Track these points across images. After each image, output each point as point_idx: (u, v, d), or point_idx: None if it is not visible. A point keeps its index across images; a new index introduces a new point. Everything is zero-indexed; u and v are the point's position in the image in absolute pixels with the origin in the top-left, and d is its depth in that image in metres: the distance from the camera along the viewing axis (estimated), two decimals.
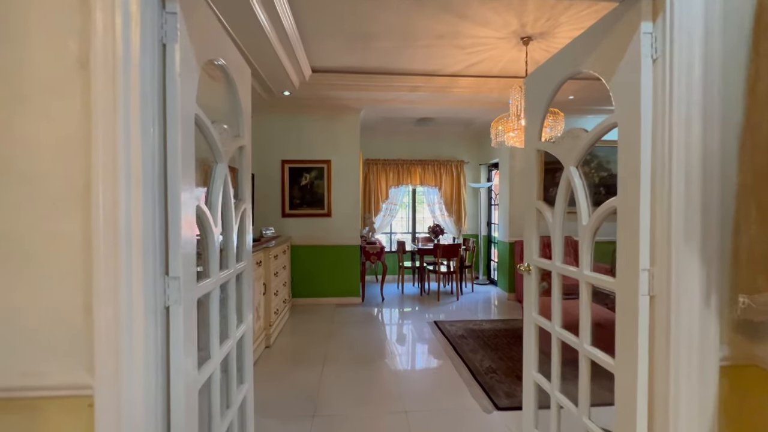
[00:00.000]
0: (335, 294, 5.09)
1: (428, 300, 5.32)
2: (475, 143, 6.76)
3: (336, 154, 5.04)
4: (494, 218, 6.55)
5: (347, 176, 5.06)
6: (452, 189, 6.60)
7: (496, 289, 5.98)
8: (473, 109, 5.08)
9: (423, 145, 6.69)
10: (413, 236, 6.90)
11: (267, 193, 5.01)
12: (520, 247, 5.00)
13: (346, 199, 5.06)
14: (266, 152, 5.00)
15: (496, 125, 3.57)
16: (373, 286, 6.12)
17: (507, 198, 5.35)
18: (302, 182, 5.02)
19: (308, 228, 5.05)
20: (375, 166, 6.49)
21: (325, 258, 5.06)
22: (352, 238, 5.08)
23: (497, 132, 3.56)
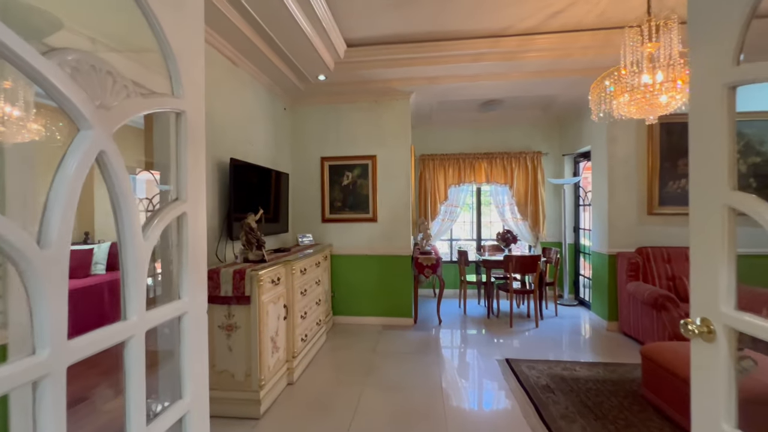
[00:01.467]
0: (382, 313, 4.31)
1: (497, 324, 4.25)
2: (556, 129, 5.49)
3: (382, 149, 4.27)
4: (584, 222, 5.21)
5: (396, 174, 4.26)
6: (527, 186, 5.41)
7: (587, 314, 4.67)
8: (555, 82, 3.93)
9: (489, 134, 5.62)
10: (478, 244, 5.84)
11: (305, 195, 4.43)
12: (626, 262, 3.71)
13: (394, 201, 4.26)
14: (304, 149, 4.43)
15: (598, 87, 2.48)
16: (429, 302, 5.22)
17: (604, 196, 4.07)
18: (343, 182, 4.35)
19: (350, 235, 4.35)
20: (431, 163, 5.59)
21: (369, 270, 4.32)
22: (402, 248, 4.25)
23: (601, 97, 2.47)
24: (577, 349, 3.54)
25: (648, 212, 3.96)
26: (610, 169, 4.02)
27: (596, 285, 4.31)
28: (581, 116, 4.67)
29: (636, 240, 3.97)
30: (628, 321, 3.70)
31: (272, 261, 2.72)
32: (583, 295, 5.17)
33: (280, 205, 3.90)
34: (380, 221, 4.29)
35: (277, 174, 3.75)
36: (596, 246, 4.30)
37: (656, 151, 3.92)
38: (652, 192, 3.93)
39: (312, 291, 3.34)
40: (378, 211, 4.29)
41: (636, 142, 3.98)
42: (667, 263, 3.71)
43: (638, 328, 3.52)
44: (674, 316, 3.13)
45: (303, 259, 3.10)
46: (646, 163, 3.96)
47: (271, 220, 3.70)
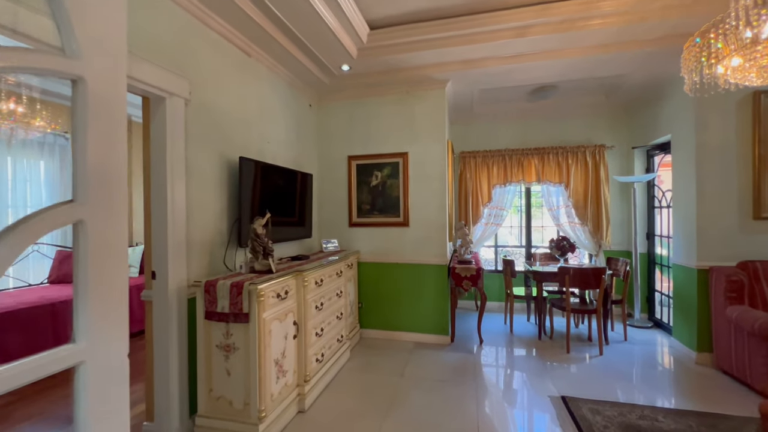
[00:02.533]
0: (414, 329, 3.85)
1: (551, 348, 3.60)
2: (622, 118, 4.67)
3: (415, 145, 3.83)
4: (660, 228, 4.34)
5: (430, 173, 3.79)
6: (587, 185, 4.65)
7: (667, 339, 3.82)
8: (624, 58, 3.23)
9: (541, 127, 4.93)
10: (528, 252, 5.15)
11: (331, 197, 4.12)
12: (723, 280, 2.91)
13: (428, 204, 3.80)
14: (330, 148, 4.12)
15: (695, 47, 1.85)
16: (469, 316, 4.65)
17: (692, 197, 3.27)
18: (372, 182, 3.97)
19: (379, 240, 3.95)
20: (473, 161, 5.03)
21: (400, 280, 3.88)
22: (437, 255, 3.77)
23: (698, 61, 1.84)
24: (656, 387, 2.81)
25: (754, 216, 3.09)
26: (698, 163, 3.21)
27: (680, 306, 3.48)
28: (659, 99, 3.86)
29: (736, 252, 3.12)
30: (728, 355, 2.88)
31: (282, 271, 2.40)
32: (660, 315, 4.29)
33: (305, 209, 3.62)
34: (412, 226, 3.85)
35: (299, 175, 3.47)
36: (679, 257, 3.48)
37: (766, 138, 3.05)
38: (760, 191, 3.06)
39: (331, 304, 2.99)
40: (410, 214, 3.85)
41: (736, 127, 3.14)
42: None
43: (744, 367, 2.71)
44: None
45: (319, 268, 2.76)
46: (751, 154, 3.11)
47: (294, 224, 3.42)
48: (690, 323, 3.31)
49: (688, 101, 3.30)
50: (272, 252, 2.40)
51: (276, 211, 3.06)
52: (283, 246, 3.35)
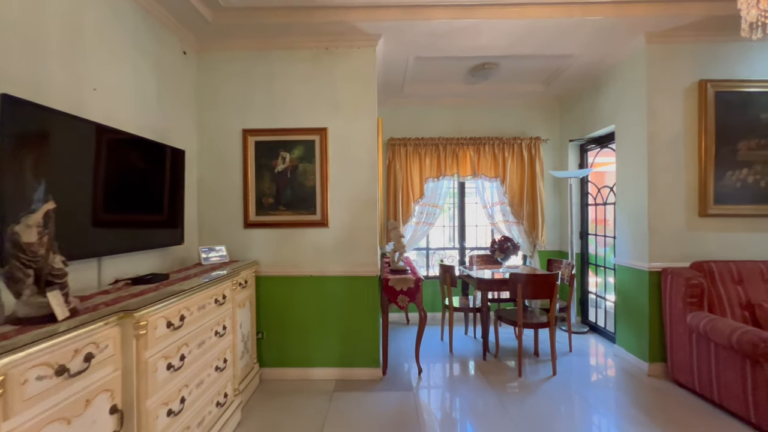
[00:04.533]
0: (335, 362, 2.90)
1: (500, 372, 3.01)
2: (556, 109, 4.41)
3: (337, 119, 2.89)
4: (595, 226, 4.14)
5: (358, 157, 2.89)
6: (522, 181, 4.27)
7: (610, 347, 3.57)
8: (580, 30, 2.79)
9: (476, 114, 4.42)
10: (462, 255, 4.61)
11: (218, 186, 2.93)
12: (683, 284, 2.60)
13: (355, 197, 2.89)
14: (216, 116, 2.93)
15: None
16: (400, 332, 3.88)
17: (643, 193, 2.97)
18: (277, 167, 2.90)
19: (288, 246, 2.91)
20: (403, 149, 4.29)
21: (316, 298, 2.90)
22: (366, 265, 2.89)
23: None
24: (624, 415, 2.35)
25: (700, 214, 2.91)
26: (651, 155, 2.93)
27: (627, 311, 3.20)
28: (599, 88, 3.58)
29: (684, 252, 2.90)
30: (687, 368, 2.59)
31: (88, 313, 1.24)
32: (595, 319, 4.10)
33: (172, 201, 2.40)
34: (333, 226, 2.90)
35: (162, 150, 2.25)
36: (625, 258, 3.20)
37: (711, 130, 2.88)
38: (707, 186, 2.88)
39: (204, 352, 1.87)
40: (330, 210, 2.89)
41: (684, 117, 2.92)
42: (738, 285, 2.65)
43: (710, 383, 2.40)
44: None
45: (178, 298, 1.63)
46: (697, 147, 2.91)
47: (152, 224, 2.20)
48: (639, 331, 3.02)
49: (637, 87, 3.01)
50: (62, 278, 1.22)
51: (118, 204, 1.84)
52: (134, 259, 2.11)
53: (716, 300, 2.61)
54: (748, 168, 2.90)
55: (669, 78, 2.91)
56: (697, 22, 2.71)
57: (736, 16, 2.60)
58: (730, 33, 2.85)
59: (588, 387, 2.76)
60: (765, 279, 2.66)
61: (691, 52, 2.90)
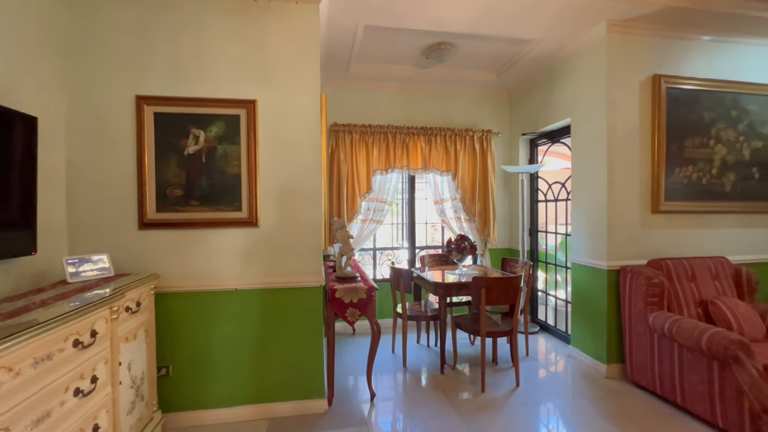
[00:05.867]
0: (268, 397, 2.31)
1: (462, 387, 2.68)
2: (506, 102, 4.26)
3: (269, 90, 2.28)
4: (545, 224, 4.07)
5: (297, 139, 2.32)
6: (474, 176, 4.04)
7: (564, 348, 3.48)
8: (546, 10, 2.56)
9: (427, 102, 4.07)
10: (411, 254, 4.25)
11: (99, 173, 2.15)
12: (643, 283, 2.51)
13: (294, 188, 2.32)
14: (97, 75, 2.14)
15: None
16: (345, 344, 3.39)
17: (602, 187, 2.86)
18: (188, 148, 2.21)
19: (203, 252, 2.24)
20: (348, 137, 3.78)
21: (242, 317, 2.28)
22: (308, 273, 2.34)
23: None
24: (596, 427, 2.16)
25: (652, 210, 2.88)
26: (610, 149, 2.82)
27: (583, 311, 3.09)
28: (553, 81, 3.45)
29: (640, 249, 2.86)
30: (647, 369, 2.50)
31: None
32: (545, 318, 4.03)
33: (24, 192, 1.61)
34: (265, 225, 2.29)
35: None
36: (582, 256, 3.09)
37: (663, 126, 2.86)
38: (659, 182, 2.86)
39: (50, 430, 1.18)
40: (260, 206, 2.28)
41: (639, 112, 2.86)
42: (691, 282, 2.64)
43: (673, 386, 2.32)
44: (752, 374, 1.97)
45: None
46: (650, 143, 2.87)
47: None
48: (596, 331, 2.93)
49: (596, 78, 2.89)
50: None
51: None
52: None
53: (674, 298, 2.56)
54: (693, 165, 2.94)
55: (627, 70, 2.82)
56: (655, 14, 2.63)
57: (691, 10, 2.56)
58: (681, 30, 2.84)
59: (553, 397, 2.56)
60: (713, 275, 2.69)
61: (647, 45, 2.84)
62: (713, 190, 2.97)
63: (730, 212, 3.01)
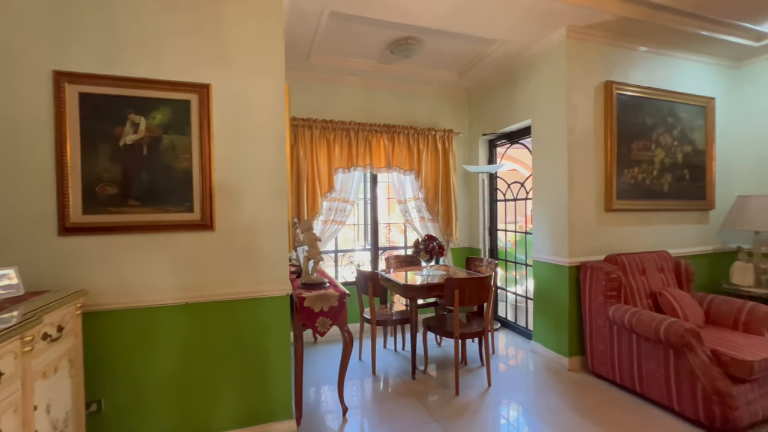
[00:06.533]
0: (230, 423, 2.03)
1: (435, 392, 2.61)
2: (465, 103, 4.30)
3: (225, 73, 2.00)
4: (505, 222, 4.17)
5: (259, 130, 2.06)
6: (437, 175, 4.02)
7: (526, 344, 3.58)
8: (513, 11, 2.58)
9: (389, 99, 3.97)
10: (374, 256, 4.12)
11: (2, 167, 1.71)
12: (603, 278, 2.64)
13: (255, 187, 2.05)
14: (3, 45, 1.71)
15: None
16: (309, 353, 3.15)
17: (562, 186, 2.97)
18: (124, 137, 1.85)
19: (146, 260, 1.89)
20: (308, 132, 3.54)
21: (197, 334, 1.97)
22: (273, 281, 2.09)
23: None
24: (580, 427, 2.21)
25: (606, 208, 3.05)
26: (570, 150, 2.93)
27: (545, 307, 3.19)
28: (513, 83, 3.53)
29: (596, 245, 3.01)
30: (608, 360, 2.63)
31: None
32: (505, 314, 4.13)
33: None
34: (223, 228, 2.00)
35: None
36: (543, 254, 3.19)
37: (615, 130, 3.04)
38: (612, 182, 3.04)
39: None
40: (217, 207, 1.99)
41: (594, 116, 3.01)
42: (642, 275, 2.83)
43: (632, 374, 2.46)
44: (703, 359, 2.13)
45: None
46: (603, 144, 3.04)
47: None
48: (558, 326, 3.03)
49: (556, 81, 2.99)
50: None
51: None
52: None
53: (629, 291, 2.73)
54: (638, 167, 3.17)
55: (583, 75, 2.95)
56: (609, 23, 2.78)
57: (639, 21, 2.74)
58: (628, 40, 3.04)
59: (524, 395, 2.58)
60: (659, 268, 2.92)
61: (600, 52, 3.00)
62: (654, 190, 3.23)
63: (668, 210, 3.30)
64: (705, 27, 2.92)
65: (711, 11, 2.73)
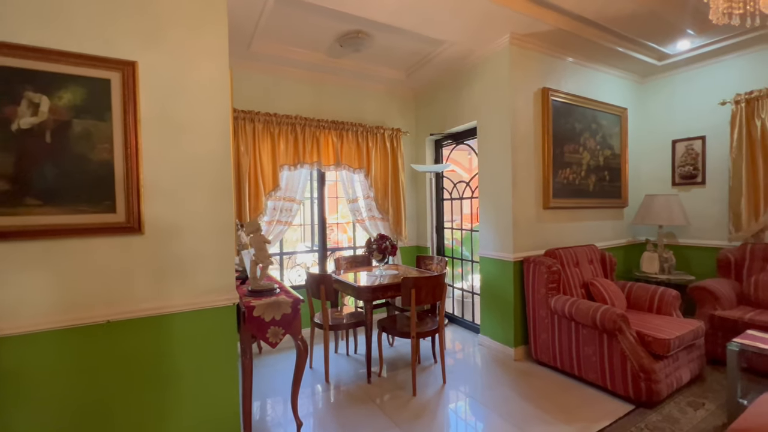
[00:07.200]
0: None
1: (392, 396, 2.56)
2: (411, 103, 4.34)
3: (156, 51, 1.71)
4: (451, 221, 4.28)
5: (198, 119, 1.80)
6: (386, 174, 3.99)
7: (473, 337, 3.70)
8: (462, 13, 2.64)
9: (338, 95, 3.84)
10: (322, 257, 3.95)
11: None
12: (545, 271, 2.82)
13: (195, 183, 1.79)
14: None
15: None
16: (255, 365, 2.89)
17: (507, 185, 3.12)
18: (18, 121, 1.49)
19: (50, 273, 1.54)
20: (250, 126, 3.26)
21: (123, 357, 1.66)
22: (216, 290, 1.85)
23: None
24: (532, 416, 2.31)
25: (544, 206, 3.28)
26: (514, 151, 3.09)
27: (492, 301, 3.33)
28: (463, 84, 3.63)
29: (536, 241, 3.22)
30: (549, 348, 2.83)
31: None
32: (452, 310, 4.25)
33: None
34: (154, 232, 1.71)
35: None
36: (489, 250, 3.32)
37: (550, 133, 3.28)
38: (548, 181, 3.27)
39: None
40: (145, 206, 1.70)
41: (533, 119, 3.21)
42: (576, 267, 3.09)
43: (571, 359, 2.66)
44: (631, 341, 2.37)
45: None
46: (542, 146, 3.26)
47: None
48: (505, 319, 3.18)
49: (500, 85, 3.13)
50: None
51: None
52: None
53: (566, 282, 2.95)
54: (570, 168, 3.46)
55: (524, 80, 3.13)
56: (546, 33, 2.99)
57: (572, 33, 2.98)
58: (560, 51, 3.30)
59: (479, 389, 2.65)
60: (589, 260, 3.21)
61: (538, 59, 3.21)
62: (582, 189, 3.56)
63: (593, 207, 3.66)
64: (621, 44, 3.29)
65: (627, 30, 3.07)
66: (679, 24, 2.99)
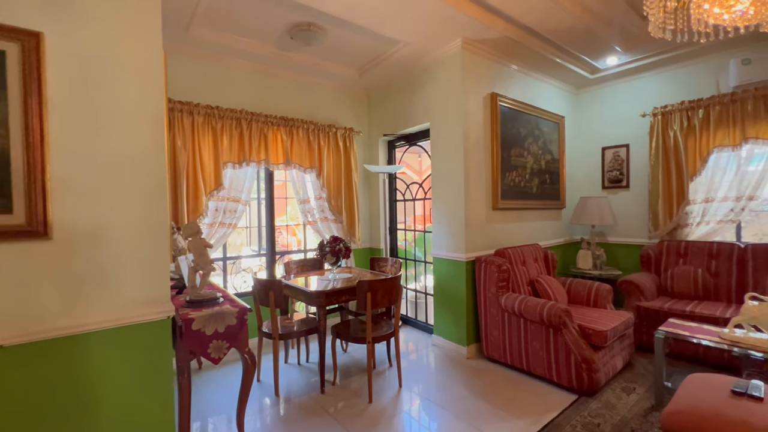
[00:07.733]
0: None
1: (345, 403, 2.45)
2: (364, 103, 4.28)
3: (69, 19, 1.44)
4: (404, 222, 4.27)
5: (124, 104, 1.55)
6: (339, 174, 3.87)
7: (427, 337, 3.71)
8: (417, 12, 2.63)
9: (288, 91, 3.64)
10: (271, 260, 3.71)
11: None
12: (495, 270, 2.91)
13: (122, 178, 1.54)
14: None
15: None
16: (200, 380, 2.62)
17: (459, 187, 3.17)
18: None
19: None
20: (188, 119, 2.96)
21: (29, 386, 1.37)
22: (147, 303, 1.61)
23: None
24: (487, 413, 2.34)
25: (493, 207, 3.39)
26: (466, 153, 3.15)
27: (445, 301, 3.36)
28: (415, 86, 3.64)
29: (486, 241, 3.31)
30: (500, 344, 2.91)
31: None
32: (405, 311, 4.23)
33: None
34: (66, 235, 1.44)
35: None
36: (442, 251, 3.36)
37: (498, 137, 3.40)
38: (497, 183, 3.39)
39: None
40: (53, 205, 1.42)
41: (483, 123, 3.31)
42: (523, 265, 3.22)
43: (520, 355, 2.76)
44: (574, 334, 2.51)
45: None
46: (491, 149, 3.37)
47: None
48: (457, 318, 3.23)
49: (452, 88, 3.19)
50: None
51: None
52: None
53: (514, 280, 3.06)
54: (516, 171, 3.62)
55: (475, 84, 3.22)
56: (495, 40, 3.09)
57: (518, 42, 3.11)
58: (507, 59, 3.45)
59: (434, 390, 2.64)
60: (534, 259, 3.37)
61: (487, 65, 3.32)
62: (526, 191, 3.74)
63: (536, 209, 3.87)
64: (560, 56, 3.52)
65: (566, 42, 3.28)
66: (609, 40, 3.27)
